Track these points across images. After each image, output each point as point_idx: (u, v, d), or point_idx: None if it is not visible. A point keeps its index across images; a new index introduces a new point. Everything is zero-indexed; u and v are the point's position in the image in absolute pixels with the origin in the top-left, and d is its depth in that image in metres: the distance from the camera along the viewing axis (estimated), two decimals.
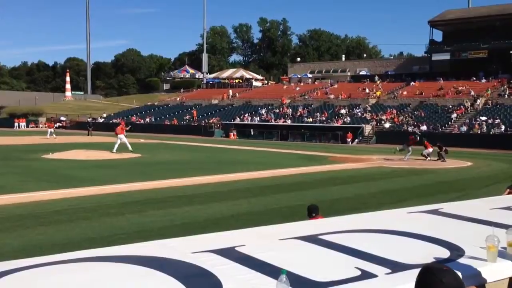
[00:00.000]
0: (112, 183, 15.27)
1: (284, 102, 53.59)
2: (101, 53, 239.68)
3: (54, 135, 38.85)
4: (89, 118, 61.78)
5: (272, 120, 49.00)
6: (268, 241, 3.42)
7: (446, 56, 52.17)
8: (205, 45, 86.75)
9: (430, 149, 25.11)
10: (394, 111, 44.94)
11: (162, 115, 59.68)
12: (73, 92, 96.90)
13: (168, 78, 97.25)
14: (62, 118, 64.22)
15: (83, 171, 18.73)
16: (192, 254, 3.01)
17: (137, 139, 39.32)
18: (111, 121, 58.94)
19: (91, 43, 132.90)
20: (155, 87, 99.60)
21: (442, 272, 1.95)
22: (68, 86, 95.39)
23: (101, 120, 61.15)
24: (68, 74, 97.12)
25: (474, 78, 48.61)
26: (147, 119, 58.49)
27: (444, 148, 25.03)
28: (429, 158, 25.01)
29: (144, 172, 18.42)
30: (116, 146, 25.86)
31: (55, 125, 44.01)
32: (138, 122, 57.37)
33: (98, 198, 13.00)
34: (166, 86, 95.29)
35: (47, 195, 13.01)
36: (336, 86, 57.03)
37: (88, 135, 45.08)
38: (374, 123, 42.80)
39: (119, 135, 26.32)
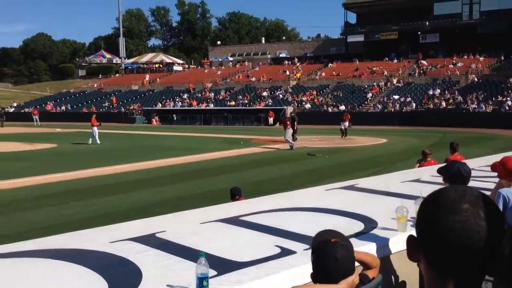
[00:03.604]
0: (27, 175, 14.43)
1: (192, 89, 53.19)
2: (7, 38, 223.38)
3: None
4: None
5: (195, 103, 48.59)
6: (190, 225, 3.42)
7: (360, 38, 54.15)
8: (121, 29, 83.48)
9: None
10: (314, 92, 46.15)
11: (79, 102, 57.08)
12: None
13: (83, 64, 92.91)
14: None
15: None
16: (110, 243, 2.94)
17: (52, 128, 37.42)
18: (22, 111, 55.48)
19: None
20: (69, 74, 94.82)
21: (333, 249, 1.89)
22: None
23: (11, 110, 57.36)
24: None
25: (387, 59, 50.98)
26: (63, 107, 55.74)
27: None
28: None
29: (62, 163, 17.59)
30: (96, 136, 24.85)
31: None
32: (53, 111, 54.49)
33: (11, 192, 12.27)
34: (81, 72, 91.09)
35: None
36: (257, 68, 57.47)
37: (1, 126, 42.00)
38: (296, 104, 43.75)
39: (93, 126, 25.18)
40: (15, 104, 60.72)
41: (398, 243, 3.14)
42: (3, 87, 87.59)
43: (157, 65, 72.74)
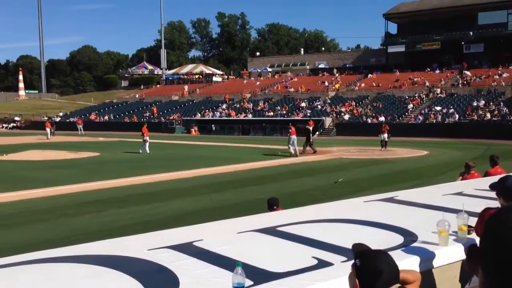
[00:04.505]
0: (70, 183, 14.90)
1: (228, 99, 53.53)
2: (55, 50, 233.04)
3: (48, 135, 38.36)
4: (45, 117, 59.85)
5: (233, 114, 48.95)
6: (226, 234, 3.43)
7: (401, 48, 53.33)
8: (163, 41, 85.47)
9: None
10: (353, 103, 45.67)
11: (122, 112, 58.60)
12: (27, 91, 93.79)
13: (126, 75, 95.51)
14: (16, 118, 62.07)
15: (39, 171, 18.19)
16: (148, 251, 2.98)
17: (95, 137, 38.52)
18: (68, 120, 57.41)
19: (44, 40, 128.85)
20: (113, 84, 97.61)
21: (384, 256, 1.90)
22: (21, 85, 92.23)
23: (57, 119, 59.51)
24: (21, 72, 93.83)
25: (429, 69, 49.98)
26: (106, 117, 57.35)
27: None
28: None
29: (103, 171, 18.06)
30: (147, 146, 25.63)
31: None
32: (96, 121, 56.16)
33: (55, 199, 12.67)
34: (124, 83, 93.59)
35: (1, 198, 12.56)
36: (295, 79, 57.46)
37: (51, 135, 43.32)
38: (334, 115, 43.40)
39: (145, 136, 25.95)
40: (61, 114, 62.97)
41: (439, 258, 3.04)
42: (50, 97, 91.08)
43: (197, 76, 73.88)
